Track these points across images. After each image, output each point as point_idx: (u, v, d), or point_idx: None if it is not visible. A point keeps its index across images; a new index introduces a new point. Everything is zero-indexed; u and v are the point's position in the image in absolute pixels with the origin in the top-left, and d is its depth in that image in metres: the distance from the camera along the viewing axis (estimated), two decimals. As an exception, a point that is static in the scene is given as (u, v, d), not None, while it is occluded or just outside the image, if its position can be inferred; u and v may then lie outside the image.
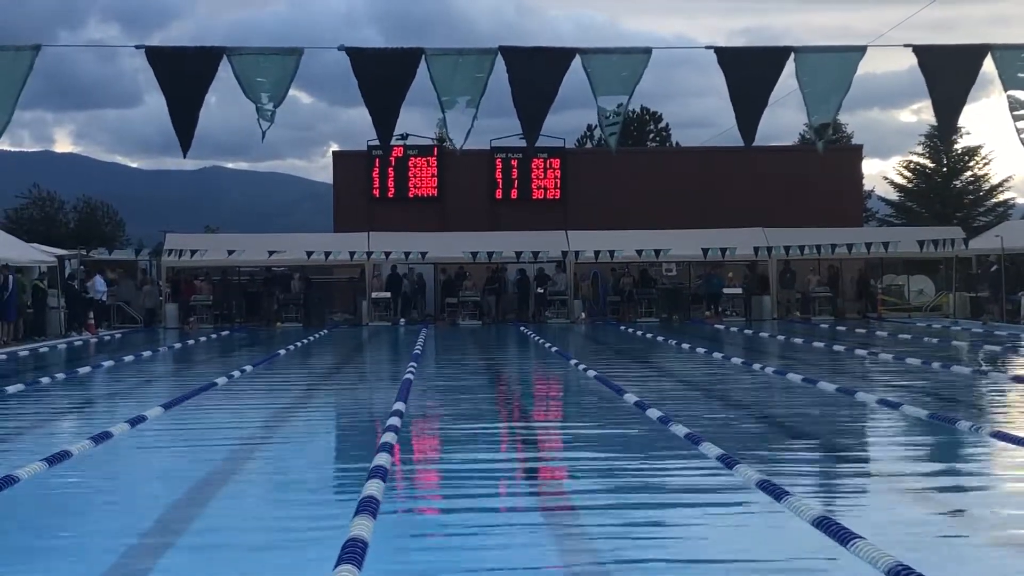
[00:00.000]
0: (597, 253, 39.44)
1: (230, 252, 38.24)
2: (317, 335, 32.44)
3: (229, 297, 40.97)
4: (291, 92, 9.97)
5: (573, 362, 20.90)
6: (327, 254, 38.74)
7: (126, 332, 36.07)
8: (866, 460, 11.21)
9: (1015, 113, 10.25)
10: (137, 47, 9.73)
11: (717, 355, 22.72)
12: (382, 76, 9.87)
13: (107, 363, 22.56)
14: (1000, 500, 8.94)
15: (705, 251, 38.99)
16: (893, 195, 67.81)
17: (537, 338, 29.11)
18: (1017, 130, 10.25)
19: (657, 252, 39.13)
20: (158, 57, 9.78)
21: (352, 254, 38.88)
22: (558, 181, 45.45)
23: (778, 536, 7.59)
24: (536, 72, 10.02)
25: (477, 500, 8.97)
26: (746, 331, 32.23)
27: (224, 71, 9.79)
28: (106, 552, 7.30)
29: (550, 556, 7.25)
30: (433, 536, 7.89)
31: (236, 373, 19.27)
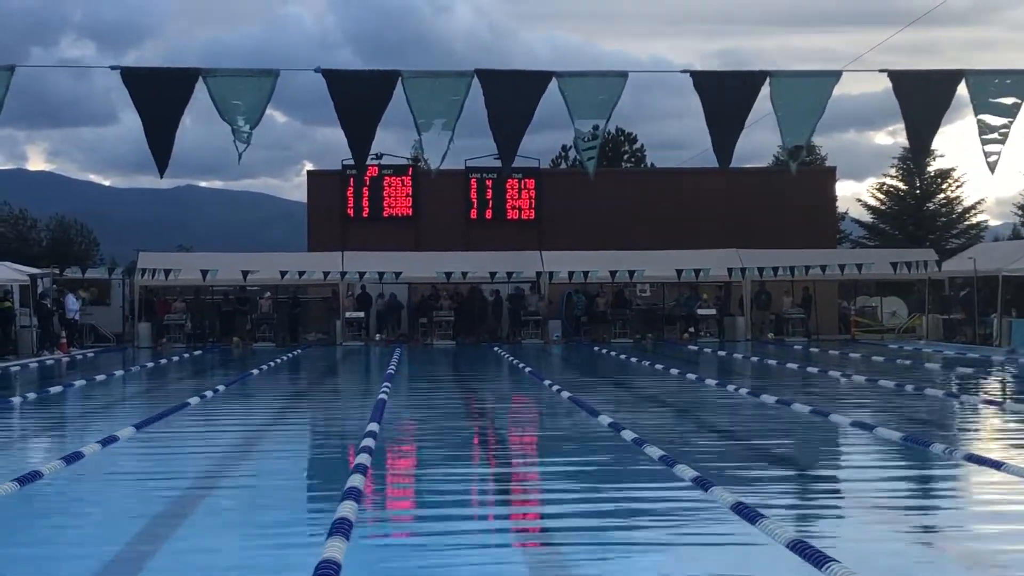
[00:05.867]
0: (571, 274, 39.47)
1: (204, 272, 38.07)
2: (290, 355, 32.31)
3: (202, 316, 40.79)
4: (266, 111, 9.92)
5: (547, 383, 20.87)
6: (301, 274, 38.64)
7: (98, 351, 35.86)
8: (840, 482, 11.23)
9: (984, 137, 10.31)
10: (112, 68, 9.68)
11: (691, 376, 22.75)
12: (358, 98, 9.84)
13: (79, 383, 22.42)
14: (973, 523, 8.96)
15: (679, 272, 39.07)
16: (867, 217, 68.14)
17: (511, 359, 29.06)
18: (986, 154, 10.33)
19: (631, 273, 39.18)
20: (133, 78, 9.73)
21: (326, 274, 38.80)
22: (533, 201, 45.43)
23: (753, 559, 7.60)
24: (512, 95, 10.01)
25: (450, 523, 8.93)
26: (720, 352, 32.30)
27: (200, 91, 9.75)
28: (75, 574, 7.25)
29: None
30: (406, 557, 7.85)
31: (209, 393, 19.18)
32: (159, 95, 9.73)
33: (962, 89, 10.22)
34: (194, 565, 7.59)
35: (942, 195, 66.56)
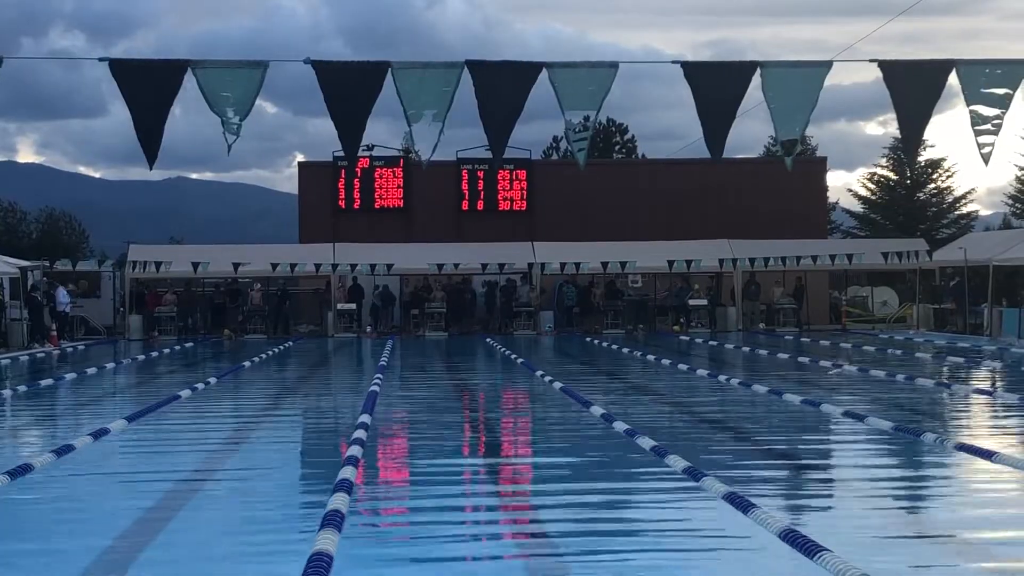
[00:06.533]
0: (563, 265, 39.48)
1: (195, 264, 38.01)
2: (281, 347, 32.24)
3: (193, 309, 40.75)
4: (256, 103, 9.88)
5: (539, 374, 20.86)
6: (292, 266, 38.60)
7: (89, 344, 35.80)
8: (832, 472, 11.25)
9: (977, 128, 10.28)
10: (101, 59, 9.63)
11: (682, 367, 22.76)
12: (348, 89, 9.80)
13: (70, 375, 22.37)
14: (965, 512, 8.98)
15: (671, 263, 39.08)
16: (857, 207, 68.16)
17: (503, 350, 29.05)
18: (979, 145, 10.29)
19: (623, 264, 39.18)
20: (122, 70, 9.68)
21: (317, 266, 38.75)
22: (524, 192, 45.39)
23: (745, 549, 7.60)
24: (503, 86, 9.98)
25: (442, 515, 8.93)
26: (711, 343, 32.33)
27: (189, 83, 9.72)
28: (67, 568, 7.23)
29: (515, 572, 7.23)
30: (399, 550, 7.85)
31: (200, 385, 19.15)
32: (148, 87, 9.68)
33: (953, 79, 10.20)
34: (186, 557, 7.58)
35: (933, 185, 66.59)
